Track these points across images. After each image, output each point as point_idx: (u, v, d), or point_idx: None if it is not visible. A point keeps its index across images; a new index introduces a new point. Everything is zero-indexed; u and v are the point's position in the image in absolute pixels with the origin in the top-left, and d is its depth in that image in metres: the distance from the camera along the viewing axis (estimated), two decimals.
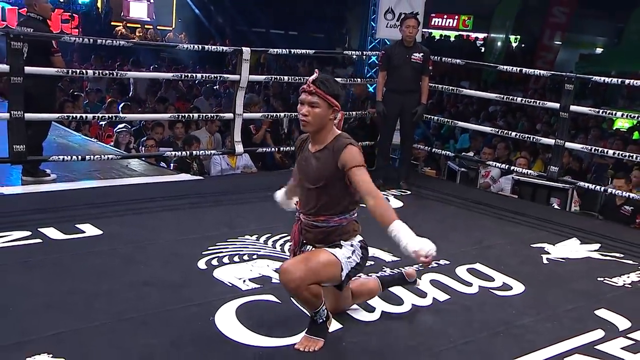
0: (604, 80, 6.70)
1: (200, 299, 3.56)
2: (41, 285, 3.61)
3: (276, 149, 7.86)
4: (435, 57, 6.97)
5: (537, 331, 3.54)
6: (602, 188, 6.46)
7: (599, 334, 3.56)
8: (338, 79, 3.43)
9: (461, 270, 4.28)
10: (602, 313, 3.83)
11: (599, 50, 25.64)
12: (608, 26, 25.19)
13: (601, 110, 7.16)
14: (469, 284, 4.08)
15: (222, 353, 3.05)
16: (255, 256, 4.23)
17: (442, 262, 4.38)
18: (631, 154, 6.52)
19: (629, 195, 6.16)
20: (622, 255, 4.97)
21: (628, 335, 3.57)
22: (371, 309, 3.57)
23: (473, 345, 3.33)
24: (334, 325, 3.29)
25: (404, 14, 7.53)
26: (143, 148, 7.59)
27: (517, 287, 4.11)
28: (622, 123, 13.04)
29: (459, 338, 3.38)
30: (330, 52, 17.92)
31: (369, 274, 3.96)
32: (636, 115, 6.80)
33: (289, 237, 4.48)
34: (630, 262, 4.84)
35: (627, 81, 6.31)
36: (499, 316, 3.69)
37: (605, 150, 6.70)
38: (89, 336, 3.09)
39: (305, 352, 3.06)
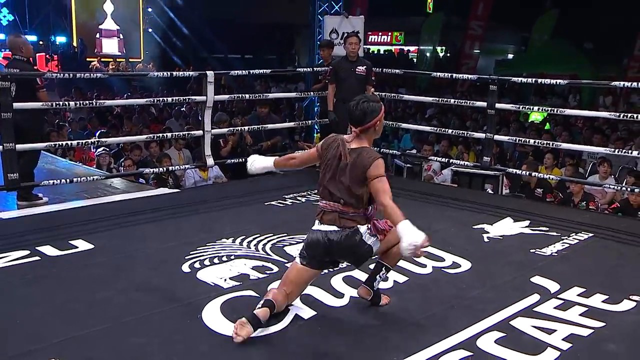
0: (520, 80, 6.84)
1: (187, 299, 3.47)
2: (43, 297, 3.48)
3: (242, 159, 7.68)
4: (377, 69, 6.97)
5: (484, 301, 3.55)
6: (527, 172, 6.57)
7: (535, 297, 3.60)
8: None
9: None
10: (537, 280, 3.87)
11: (510, 56, 26.32)
12: (516, 36, 25.91)
13: (521, 106, 7.33)
14: (424, 266, 4.07)
15: (210, 346, 2.98)
16: (233, 257, 4.13)
17: None
18: (548, 142, 6.65)
19: (545, 177, 6.26)
20: (547, 229, 5.03)
21: (558, 296, 3.63)
22: (340, 295, 3.54)
23: (432, 318, 3.33)
24: (309, 313, 3.29)
25: (346, 33, 7.53)
26: (122, 168, 7.43)
27: (465, 265, 4.13)
28: (536, 116, 13.26)
29: (418, 313, 3.38)
30: (284, 70, 17.99)
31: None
32: (547, 109, 6.95)
33: (261, 238, 4.48)
34: (555, 233, 4.91)
35: (539, 80, 6.60)
36: (451, 291, 3.70)
37: (527, 140, 6.84)
38: (89, 340, 2.99)
39: (285, 337, 3.00)
